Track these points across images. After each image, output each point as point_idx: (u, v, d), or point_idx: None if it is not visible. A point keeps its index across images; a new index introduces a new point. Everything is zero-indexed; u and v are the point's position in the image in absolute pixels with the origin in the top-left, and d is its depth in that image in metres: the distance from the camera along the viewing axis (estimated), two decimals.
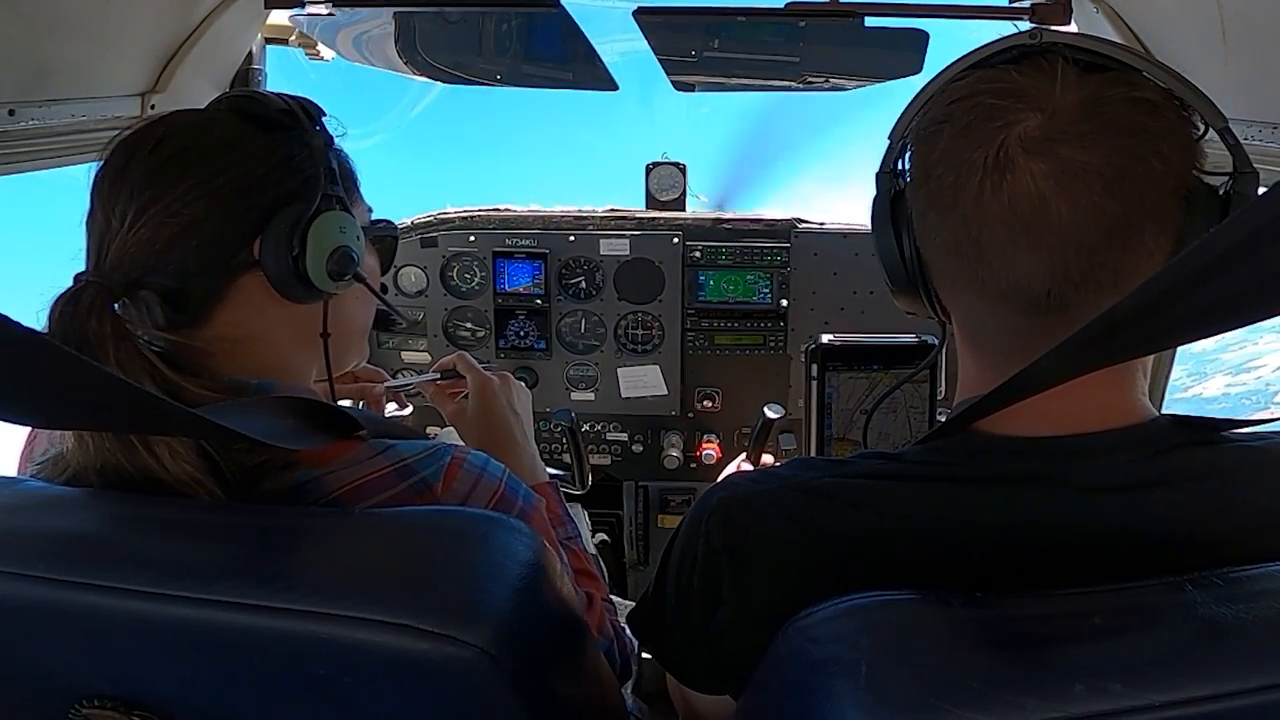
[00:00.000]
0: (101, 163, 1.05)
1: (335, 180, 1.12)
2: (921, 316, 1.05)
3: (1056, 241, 0.83)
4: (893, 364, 1.46)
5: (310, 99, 1.14)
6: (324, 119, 1.15)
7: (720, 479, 1.76)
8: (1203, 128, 0.87)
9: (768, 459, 1.80)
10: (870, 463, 0.92)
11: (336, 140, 1.16)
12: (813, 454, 1.49)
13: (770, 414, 1.76)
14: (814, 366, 1.48)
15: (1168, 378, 2.12)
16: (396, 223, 1.32)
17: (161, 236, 1.01)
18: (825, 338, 1.48)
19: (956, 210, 0.87)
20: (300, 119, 1.11)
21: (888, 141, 1.01)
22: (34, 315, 0.97)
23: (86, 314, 0.96)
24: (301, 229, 1.06)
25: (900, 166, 0.99)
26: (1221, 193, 0.87)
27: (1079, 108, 0.83)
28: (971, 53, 0.93)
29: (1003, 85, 0.86)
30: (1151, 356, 0.93)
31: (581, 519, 2.30)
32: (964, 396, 0.98)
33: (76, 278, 1.00)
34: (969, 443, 0.90)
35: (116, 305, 0.99)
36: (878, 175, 1.02)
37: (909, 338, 1.49)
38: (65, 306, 0.96)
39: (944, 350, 1.17)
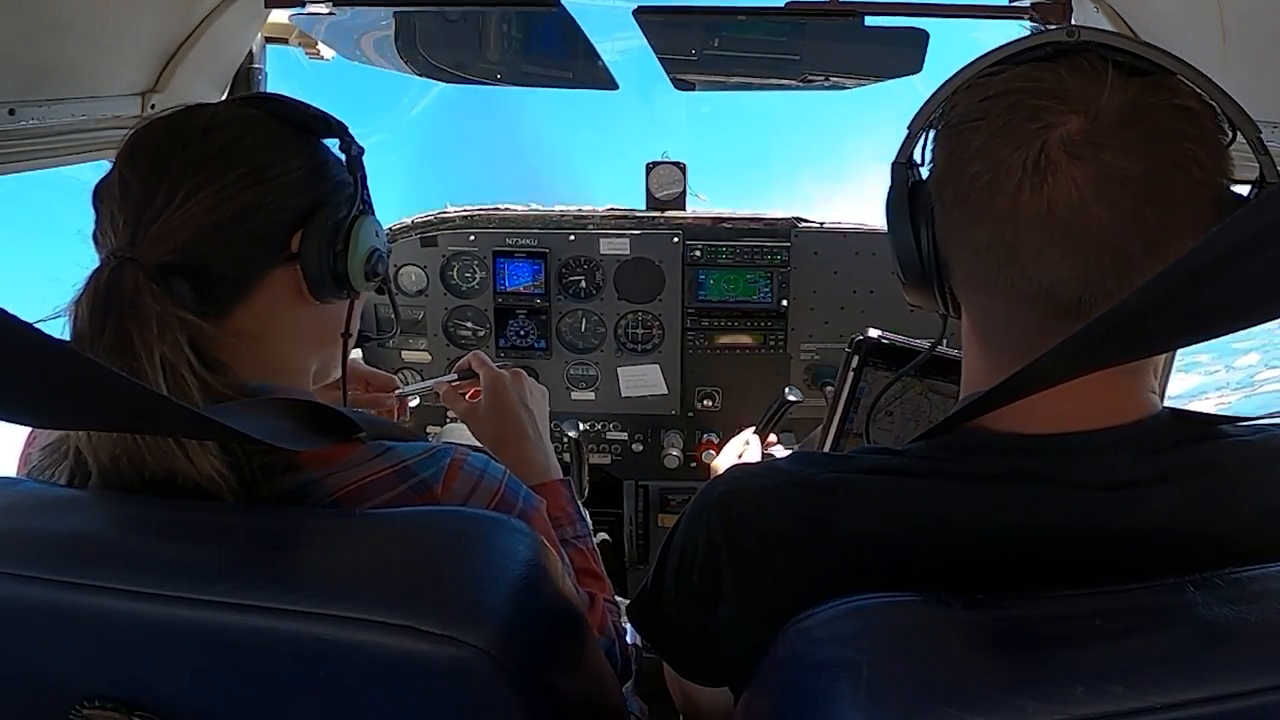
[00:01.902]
0: (135, 140, 1.06)
1: (367, 187, 1.18)
2: (928, 309, 1.03)
3: (1094, 248, 0.82)
4: (930, 373, 1.42)
5: (332, 114, 1.18)
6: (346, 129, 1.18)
7: (724, 453, 1.77)
8: (1231, 134, 0.87)
9: (772, 438, 1.80)
10: (872, 458, 0.92)
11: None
12: (828, 444, 1.49)
13: (790, 396, 1.76)
14: (855, 359, 1.45)
15: (1168, 376, 2.12)
16: (396, 222, 1.36)
17: (211, 219, 1.02)
18: (874, 332, 1.45)
19: (990, 210, 0.85)
20: (335, 128, 1.16)
21: (906, 131, 0.99)
22: (30, 313, 0.96)
23: (135, 290, 0.96)
24: (346, 228, 1.12)
25: (919, 158, 0.97)
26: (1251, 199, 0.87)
27: (1121, 112, 0.82)
28: (1003, 46, 0.91)
29: (1043, 85, 0.84)
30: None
31: None
32: (968, 392, 0.98)
33: (114, 253, 0.99)
34: (972, 439, 0.90)
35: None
36: (894, 165, 1.00)
37: (956, 352, 1.47)
38: (109, 282, 0.96)
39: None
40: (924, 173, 0.98)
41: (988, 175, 0.85)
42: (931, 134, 0.96)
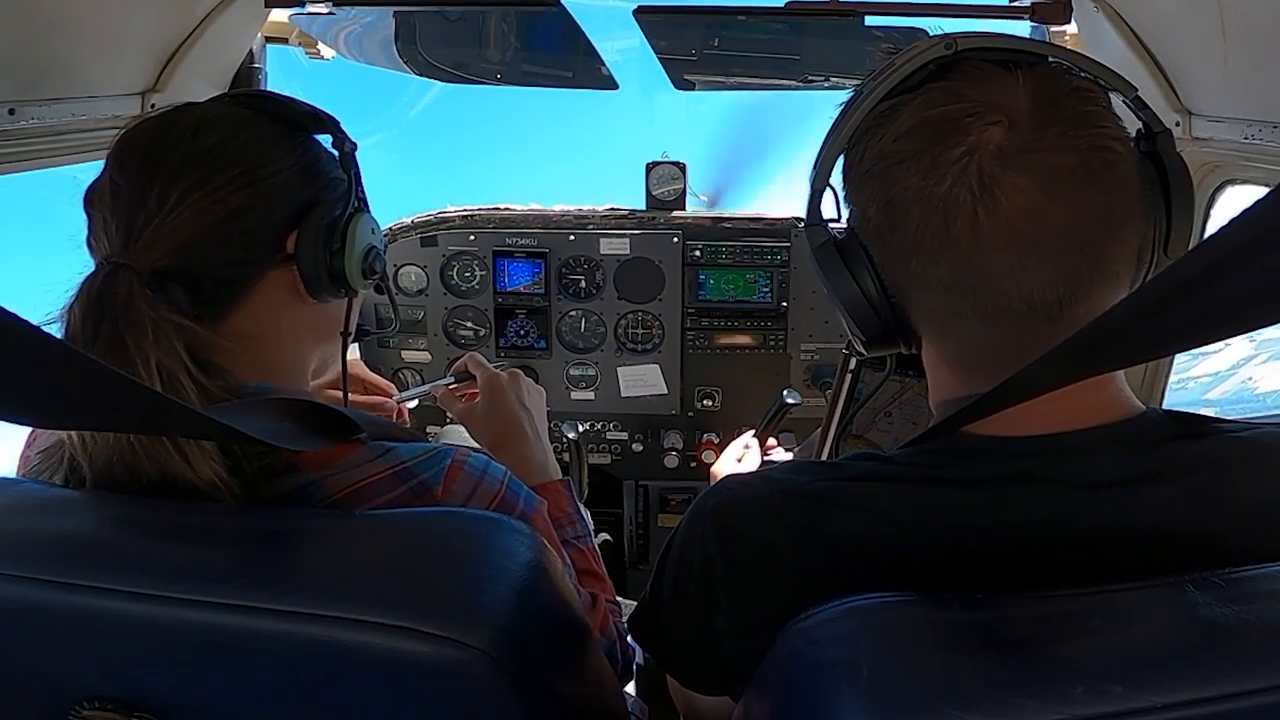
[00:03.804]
0: (124, 142, 1.05)
1: (361, 183, 1.17)
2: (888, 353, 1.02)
3: (1061, 247, 0.82)
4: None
5: (322, 109, 1.17)
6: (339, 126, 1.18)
7: (722, 458, 1.76)
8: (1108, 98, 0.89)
9: (772, 442, 1.80)
10: (860, 465, 0.92)
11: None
12: (828, 446, 1.49)
13: (788, 399, 1.76)
14: (852, 360, 1.44)
15: (1167, 377, 2.12)
16: (396, 222, 1.35)
17: (204, 222, 1.01)
18: None
19: (950, 246, 0.84)
20: (327, 124, 1.15)
21: (809, 188, 0.97)
22: (28, 312, 0.95)
23: (128, 296, 0.95)
24: (342, 227, 1.11)
25: (837, 212, 0.96)
26: (1144, 152, 0.91)
27: (1036, 111, 0.83)
28: (880, 74, 0.90)
29: (955, 106, 0.84)
30: None
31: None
32: (942, 401, 0.98)
33: (107, 259, 0.98)
34: (959, 444, 0.90)
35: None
36: (808, 227, 0.98)
37: None
38: (102, 287, 0.95)
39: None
40: (832, 226, 0.97)
41: (938, 214, 0.84)
42: (839, 184, 0.95)
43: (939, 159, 0.83)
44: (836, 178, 0.96)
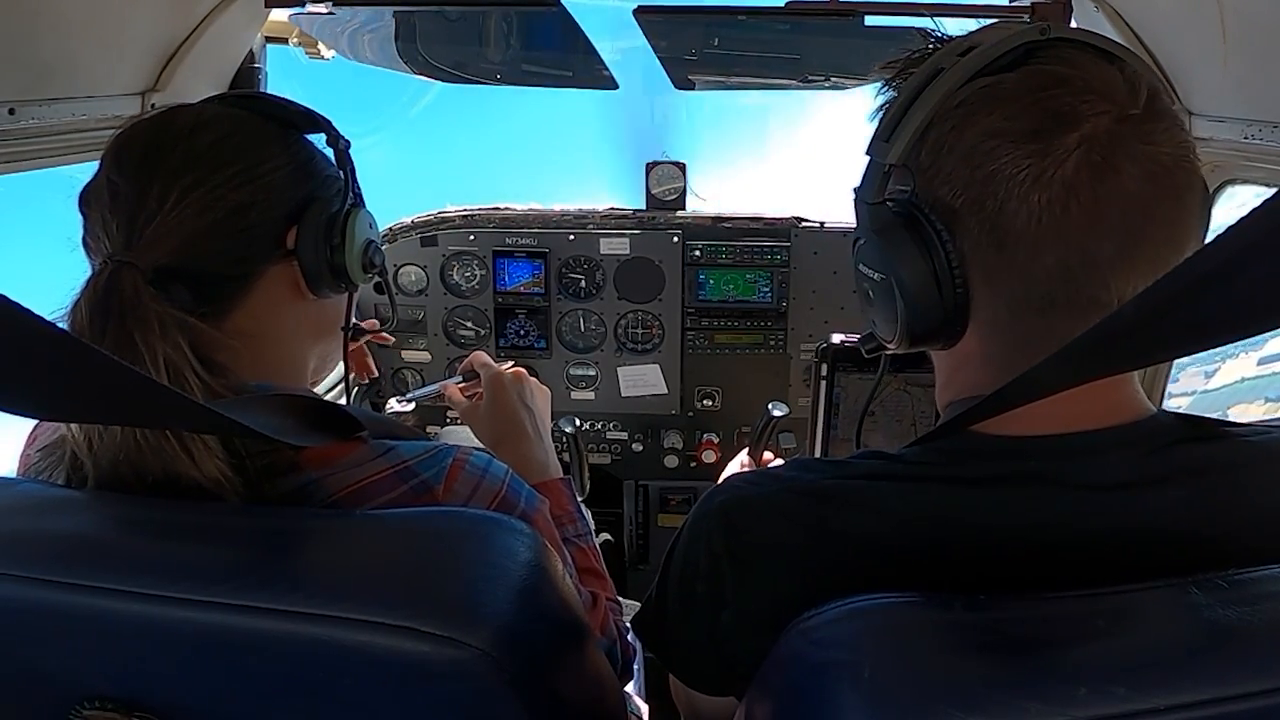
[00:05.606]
0: (120, 142, 1.06)
1: (356, 180, 1.18)
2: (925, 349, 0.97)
3: (1163, 241, 0.82)
4: (904, 367, 1.43)
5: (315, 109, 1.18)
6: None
7: (721, 477, 1.76)
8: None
9: (768, 456, 1.80)
10: (870, 463, 0.92)
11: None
12: (817, 453, 1.49)
13: (775, 412, 1.76)
14: (824, 366, 1.45)
15: (1168, 377, 2.12)
16: (396, 222, 1.36)
17: (205, 220, 1.02)
18: (837, 338, 1.46)
19: (1065, 233, 0.81)
20: (320, 123, 1.16)
21: (873, 161, 0.91)
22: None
23: (135, 293, 0.96)
24: (341, 222, 1.12)
25: (908, 193, 0.89)
26: None
27: (1148, 104, 0.82)
28: (962, 53, 0.87)
29: (1066, 90, 0.82)
30: None
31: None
32: (953, 398, 0.97)
33: (110, 258, 0.99)
34: (968, 443, 0.90)
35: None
36: (871, 206, 0.91)
37: None
38: (108, 285, 0.96)
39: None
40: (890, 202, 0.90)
41: (1057, 200, 0.80)
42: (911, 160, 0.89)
43: (1055, 142, 0.81)
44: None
